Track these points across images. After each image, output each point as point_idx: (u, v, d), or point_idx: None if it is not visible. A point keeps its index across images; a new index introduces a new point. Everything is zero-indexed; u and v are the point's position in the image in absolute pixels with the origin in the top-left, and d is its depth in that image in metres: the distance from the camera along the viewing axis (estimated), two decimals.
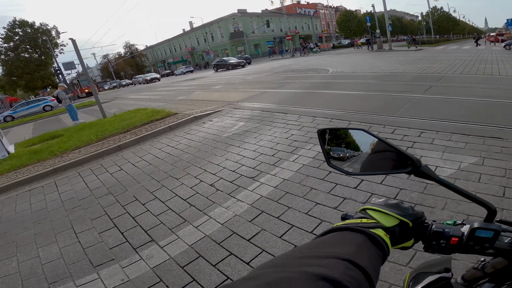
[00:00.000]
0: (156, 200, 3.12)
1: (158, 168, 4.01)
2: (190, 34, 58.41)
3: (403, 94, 5.98)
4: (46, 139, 7.44)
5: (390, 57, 16.97)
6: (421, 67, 10.64)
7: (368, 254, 0.36)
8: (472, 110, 4.34)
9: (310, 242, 0.38)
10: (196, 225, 2.51)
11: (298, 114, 5.30)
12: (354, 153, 0.58)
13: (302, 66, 17.26)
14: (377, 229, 0.42)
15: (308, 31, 62.56)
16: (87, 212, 3.19)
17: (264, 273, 0.28)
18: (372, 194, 2.41)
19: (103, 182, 3.97)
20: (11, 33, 36.06)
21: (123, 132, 6.19)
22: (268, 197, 2.70)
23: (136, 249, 2.34)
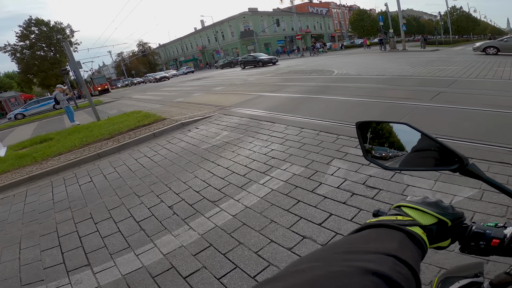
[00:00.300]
0: (109, 220, 2.90)
1: (125, 183, 3.76)
2: (201, 32, 58.49)
3: (406, 102, 5.50)
4: (36, 142, 7.37)
5: (402, 58, 16.23)
6: (433, 69, 10.01)
7: (410, 251, 0.35)
8: (480, 124, 3.82)
9: (347, 238, 0.36)
10: (137, 253, 2.29)
11: (286, 124, 4.94)
12: (396, 152, 0.56)
13: (308, 66, 16.78)
14: (414, 227, 0.41)
15: (320, 30, 61.48)
16: (40, 227, 3.07)
17: (311, 266, 0.28)
18: (336, 233, 2.05)
19: (69, 195, 3.78)
20: (27, 31, 36.93)
21: (108, 139, 6.00)
22: (222, 228, 2.39)
23: (68, 272, 2.21)
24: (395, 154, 0.56)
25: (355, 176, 2.80)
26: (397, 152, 0.56)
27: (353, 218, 2.16)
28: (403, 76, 9.04)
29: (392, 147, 0.56)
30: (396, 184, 2.55)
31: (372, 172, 2.82)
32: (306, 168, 3.16)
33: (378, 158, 0.58)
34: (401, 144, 0.55)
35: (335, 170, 2.99)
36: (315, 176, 2.92)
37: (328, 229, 2.10)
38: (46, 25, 38.27)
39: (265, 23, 49.28)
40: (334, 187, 2.66)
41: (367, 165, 2.99)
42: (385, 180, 2.63)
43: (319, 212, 2.32)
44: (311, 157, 3.41)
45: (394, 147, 0.56)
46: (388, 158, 0.57)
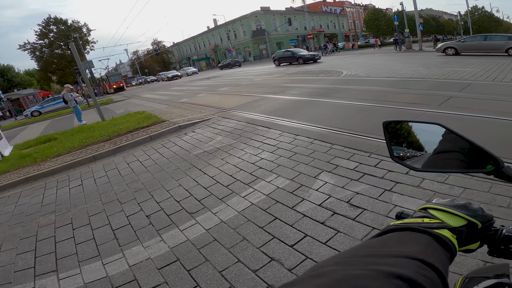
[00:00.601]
0: (87, 227, 2.89)
1: (112, 188, 3.73)
2: (214, 31, 58.75)
3: (412, 108, 5.22)
4: (41, 141, 7.52)
5: (416, 59, 15.65)
6: (448, 71, 9.54)
7: (437, 254, 0.34)
8: (490, 134, 3.48)
9: (369, 242, 0.36)
10: (105, 262, 2.26)
11: (281, 130, 4.79)
12: (416, 152, 0.55)
13: (317, 67, 16.48)
14: (443, 229, 0.39)
15: (334, 30, 60.49)
16: (23, 230, 3.11)
17: (331, 270, 0.27)
18: (307, 257, 1.90)
19: (57, 198, 3.79)
20: (46, 30, 38.02)
21: (106, 141, 6.02)
22: (193, 242, 2.29)
23: (35, 277, 2.28)
24: (413, 154, 0.56)
25: (341, 193, 2.63)
26: (415, 152, 0.55)
27: (327, 241, 2.01)
28: (414, 79, 8.65)
29: (412, 147, 0.55)
30: (382, 204, 2.37)
31: (360, 188, 2.65)
32: (291, 181, 3.01)
33: (404, 159, 0.57)
34: (421, 144, 0.55)
35: (321, 185, 2.83)
36: (299, 191, 2.78)
37: (299, 251, 1.96)
38: (64, 23, 39.27)
39: (277, 22, 48.93)
40: (316, 204, 2.50)
41: (356, 180, 2.82)
42: (372, 199, 2.46)
43: (294, 232, 2.17)
44: (300, 169, 3.26)
45: (413, 147, 0.56)
46: (405, 158, 0.57)
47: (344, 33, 62.57)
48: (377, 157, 3.25)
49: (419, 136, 0.55)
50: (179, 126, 6.09)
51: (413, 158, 0.55)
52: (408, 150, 0.56)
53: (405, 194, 2.47)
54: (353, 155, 3.42)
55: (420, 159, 0.54)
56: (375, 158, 3.25)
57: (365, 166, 3.09)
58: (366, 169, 3.03)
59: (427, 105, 5.24)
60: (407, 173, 2.78)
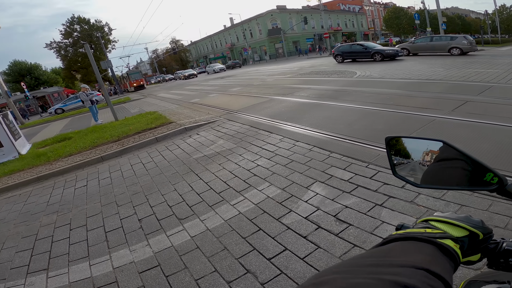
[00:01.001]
0: (83, 228, 3.03)
1: (112, 190, 3.86)
2: (230, 30, 59.05)
3: (423, 113, 5.00)
4: (57, 140, 7.88)
5: (437, 59, 15.02)
6: (469, 72, 9.08)
7: (442, 264, 0.34)
8: (504, 146, 3.21)
9: (371, 252, 0.35)
10: (92, 263, 2.39)
11: (282, 135, 4.76)
12: (401, 159, 0.57)
13: (331, 67, 16.18)
14: (446, 239, 0.39)
15: (353, 28, 59.13)
16: (26, 229, 3.29)
17: (333, 278, 0.27)
18: (282, 272, 1.89)
19: (62, 198, 3.97)
20: (69, 29, 39.60)
21: (115, 141, 6.23)
22: (177, 248, 2.35)
23: (27, 274, 2.36)
24: (400, 161, 0.57)
25: (330, 206, 2.58)
26: (402, 160, 0.57)
27: (305, 257, 1.98)
28: (431, 81, 8.30)
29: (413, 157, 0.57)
30: (370, 220, 2.30)
31: (350, 202, 2.59)
32: (283, 190, 2.99)
33: (397, 164, 0.58)
34: (422, 154, 0.56)
35: (311, 196, 2.79)
36: (288, 202, 2.75)
37: (275, 265, 1.95)
38: (87, 23, 40.74)
39: (294, 21, 48.44)
40: (302, 216, 2.47)
41: (347, 193, 2.75)
42: (360, 214, 2.39)
43: (274, 245, 2.16)
44: (293, 178, 3.23)
45: (405, 153, 0.57)
46: (397, 164, 0.58)
47: (363, 31, 61.01)
48: (375, 168, 3.16)
49: (419, 153, 0.55)
50: (184, 128, 6.20)
51: (400, 165, 0.56)
52: (395, 157, 0.57)
53: (396, 210, 2.38)
54: (350, 165, 3.34)
55: (422, 170, 0.54)
56: (372, 169, 3.15)
57: (360, 177, 3.02)
58: (361, 180, 2.95)
59: (439, 110, 5.01)
60: (403, 187, 2.68)
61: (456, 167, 0.51)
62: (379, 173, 3.03)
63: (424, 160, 0.55)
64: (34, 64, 42.90)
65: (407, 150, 0.58)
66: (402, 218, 2.26)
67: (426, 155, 0.55)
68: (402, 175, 0.58)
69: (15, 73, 40.14)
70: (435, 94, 6.33)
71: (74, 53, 40.84)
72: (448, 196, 2.42)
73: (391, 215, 2.31)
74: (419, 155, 0.56)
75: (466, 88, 6.67)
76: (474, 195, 2.36)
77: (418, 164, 0.56)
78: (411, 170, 0.57)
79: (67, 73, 43.52)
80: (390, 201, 2.50)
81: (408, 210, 2.33)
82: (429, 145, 0.55)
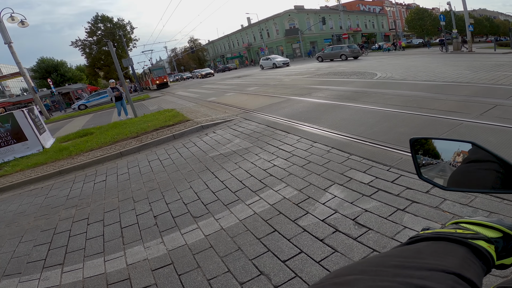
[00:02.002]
0: (100, 223, 3.07)
1: (130, 186, 3.93)
2: (247, 30, 59.20)
3: (449, 117, 4.72)
4: (80, 135, 8.16)
5: (463, 61, 14.38)
6: (498, 75, 8.60)
7: (474, 268, 0.32)
8: None
9: (400, 250, 0.33)
10: (106, 259, 2.39)
11: (300, 135, 4.68)
12: (438, 161, 0.54)
13: (351, 68, 15.85)
14: (479, 240, 0.37)
15: (373, 29, 57.76)
16: (45, 222, 3.38)
17: (357, 279, 0.25)
18: (296, 275, 1.83)
19: (82, 192, 4.09)
20: (94, 27, 40.93)
21: (134, 137, 6.36)
22: (190, 247, 2.33)
23: (43, 269, 2.39)
24: (428, 162, 0.55)
25: (348, 209, 2.49)
26: (431, 160, 0.55)
27: (321, 260, 1.91)
28: (457, 83, 7.91)
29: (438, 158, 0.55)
30: (391, 224, 2.20)
31: (370, 205, 2.49)
32: (299, 192, 2.92)
33: (426, 167, 0.56)
34: (439, 153, 0.54)
35: (329, 199, 2.70)
36: (305, 203, 2.68)
37: (290, 268, 1.89)
38: (110, 21, 41.93)
39: (311, 21, 47.93)
40: (319, 219, 2.40)
41: (367, 196, 2.65)
42: (380, 218, 2.29)
43: (290, 247, 2.10)
44: (310, 179, 3.15)
45: (430, 155, 0.55)
46: (422, 166, 0.56)
47: (384, 32, 59.50)
48: (397, 172, 3.02)
49: (447, 154, 0.53)
50: (201, 126, 6.24)
51: (429, 166, 0.55)
52: (424, 157, 0.56)
53: (419, 215, 2.26)
54: (370, 168, 3.22)
55: (450, 172, 0.52)
56: (394, 172, 3.02)
57: (381, 181, 2.90)
58: (382, 184, 2.83)
59: (467, 114, 4.75)
60: (428, 192, 2.55)
61: (487, 169, 0.49)
62: (401, 177, 2.90)
63: (455, 161, 0.52)
64: (60, 61, 44.77)
65: (437, 150, 0.55)
66: (426, 224, 2.12)
67: (457, 156, 0.52)
68: (427, 177, 0.56)
69: (42, 70, 42.04)
70: (461, 97, 6.05)
71: (98, 51, 42.16)
72: (476, 202, 2.28)
73: (414, 220, 2.20)
74: (449, 156, 0.53)
75: (495, 91, 6.31)
76: (504, 202, 2.21)
77: (448, 165, 0.53)
78: (439, 172, 0.54)
79: (91, 70, 45.06)
80: (413, 206, 2.38)
81: (433, 216, 2.21)
82: (458, 146, 0.52)
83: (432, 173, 0.56)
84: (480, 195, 2.32)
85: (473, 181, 0.51)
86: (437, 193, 2.48)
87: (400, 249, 0.35)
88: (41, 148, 7.06)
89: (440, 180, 0.54)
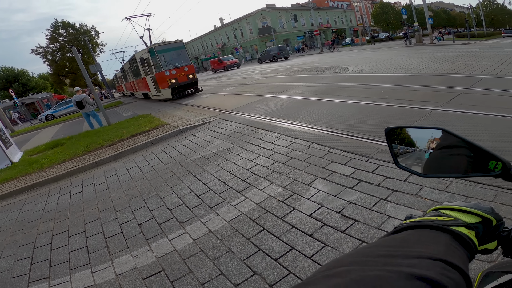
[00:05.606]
0: (82, 234, 2.93)
1: (110, 195, 3.78)
2: (220, 30, 58.75)
3: (419, 106, 4.99)
4: (50, 147, 7.70)
5: (426, 53, 15.20)
6: (459, 65, 9.17)
7: (459, 254, 0.32)
8: (502, 136, 3.18)
9: (387, 240, 0.34)
10: (94, 270, 2.29)
11: (280, 132, 4.73)
12: (414, 149, 0.56)
13: (324, 63, 16.23)
14: (459, 226, 0.38)
15: (342, 25, 59.45)
16: (24, 237, 3.22)
17: (347, 270, 0.26)
18: (290, 272, 1.85)
19: (58, 205, 3.90)
20: (55, 34, 38.72)
21: (109, 146, 6.11)
22: (180, 252, 2.29)
23: (29, 283, 2.30)
24: (405, 150, 0.57)
25: (334, 202, 2.55)
26: (407, 149, 0.56)
27: (313, 255, 1.95)
28: (422, 74, 8.35)
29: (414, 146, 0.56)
30: (376, 215, 2.28)
31: (354, 197, 2.56)
32: (284, 188, 2.95)
33: (402, 156, 0.58)
34: (421, 143, 0.55)
35: (314, 193, 2.75)
36: (291, 200, 2.72)
37: (282, 266, 1.91)
38: (73, 27, 39.87)
39: (284, 19, 48.45)
40: (306, 214, 2.44)
41: (350, 188, 2.73)
42: (365, 209, 2.37)
43: (280, 244, 2.12)
44: (294, 175, 3.19)
45: (406, 144, 0.57)
46: (399, 155, 0.58)
47: (352, 28, 61.44)
48: (376, 162, 3.14)
49: (421, 142, 0.55)
50: (180, 130, 6.12)
51: (406, 154, 0.56)
52: (401, 146, 0.57)
53: (401, 203, 2.36)
54: (350, 160, 3.32)
55: (423, 158, 0.54)
56: (373, 163, 3.14)
57: (362, 172, 3.00)
58: (363, 175, 2.93)
59: (434, 102, 5.04)
60: (406, 180, 2.67)
61: (458, 154, 0.51)
62: (380, 167, 3.02)
63: (430, 148, 0.54)
64: (21, 70, 42.02)
65: (411, 139, 0.57)
66: (408, 212, 2.23)
67: (431, 143, 0.54)
68: (405, 165, 0.57)
69: (2, 80, 39.25)
70: (427, 87, 6.39)
71: (62, 57, 39.96)
72: (452, 187, 2.41)
73: (396, 209, 2.29)
74: (423, 144, 0.55)
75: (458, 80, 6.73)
76: (478, 185, 2.35)
77: (424, 152, 0.55)
78: (415, 160, 0.56)
79: (56, 78, 42.61)
80: (394, 195, 2.48)
81: (414, 204, 2.31)
82: (429, 133, 0.54)
83: (408, 161, 0.57)
84: (455, 180, 2.46)
85: (447, 166, 0.53)
86: (415, 180, 2.61)
87: (387, 238, 0.35)
88: (9, 163, 6.60)
89: (417, 167, 0.56)
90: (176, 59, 12.20)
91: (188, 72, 12.36)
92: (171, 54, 12.06)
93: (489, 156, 0.48)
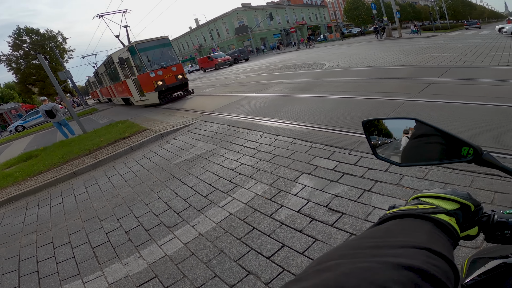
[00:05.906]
0: (67, 245, 2.84)
1: (92, 205, 3.65)
2: (196, 31, 57.99)
3: (392, 98, 5.22)
4: (23, 159, 7.29)
5: (396, 46, 15.81)
6: (427, 57, 9.63)
7: (442, 241, 0.33)
8: (473, 122, 3.39)
9: (370, 232, 0.35)
10: (85, 281, 2.25)
11: (262, 131, 4.76)
12: (391, 140, 0.58)
13: (301, 60, 16.46)
14: (439, 214, 0.39)
15: (316, 21, 60.47)
16: (7, 250, 3.11)
17: (337, 263, 0.27)
18: (284, 269, 1.88)
19: (39, 217, 3.75)
20: (18, 41, 36.58)
21: (86, 155, 5.88)
22: (171, 257, 2.27)
23: None
24: (383, 141, 0.58)
25: (320, 196, 2.61)
26: (385, 140, 0.58)
27: (305, 250, 1.99)
28: (394, 67, 8.70)
29: (391, 137, 0.58)
30: (362, 206, 2.34)
31: (339, 190, 2.64)
32: (270, 186, 2.98)
33: (376, 146, 0.60)
34: (397, 134, 0.57)
35: (300, 189, 2.81)
36: (278, 197, 2.75)
37: (276, 263, 1.94)
38: (37, 33, 37.79)
39: (260, 18, 48.58)
40: (294, 210, 2.48)
41: (335, 182, 2.80)
42: (351, 202, 2.44)
43: (271, 242, 2.15)
44: (279, 173, 3.23)
45: (383, 135, 0.59)
46: (377, 146, 0.59)
47: (326, 24, 62.68)
48: (357, 154, 3.24)
49: (397, 133, 0.57)
50: (160, 134, 5.99)
51: (384, 145, 0.58)
52: (379, 138, 0.58)
53: (385, 194, 2.44)
54: (333, 154, 3.40)
55: (399, 148, 0.56)
56: (355, 155, 3.24)
57: (345, 165, 3.09)
58: (346, 168, 3.02)
59: (406, 93, 5.27)
60: (387, 170, 2.78)
61: (432, 142, 0.52)
62: (362, 158, 3.12)
63: (406, 138, 0.56)
64: None
65: (388, 130, 0.59)
66: (392, 202, 2.33)
67: (407, 133, 0.55)
68: (384, 156, 0.59)
69: None
70: (400, 79, 6.66)
71: (27, 65, 37.80)
72: (430, 175, 2.54)
73: (381, 199, 2.38)
74: (399, 134, 0.57)
75: (427, 72, 7.07)
76: (455, 172, 2.49)
77: (400, 142, 0.57)
78: (393, 150, 0.58)
79: (23, 87, 40.22)
80: (377, 185, 2.58)
81: (396, 193, 2.41)
82: (403, 124, 0.56)
83: (387, 151, 0.59)
84: (432, 167, 2.59)
85: (422, 155, 0.54)
86: (395, 170, 2.72)
87: (373, 230, 0.36)
88: None
89: (396, 157, 0.57)
90: (162, 58, 10.83)
91: (177, 72, 11.03)
92: (156, 52, 10.66)
93: (461, 143, 0.49)
